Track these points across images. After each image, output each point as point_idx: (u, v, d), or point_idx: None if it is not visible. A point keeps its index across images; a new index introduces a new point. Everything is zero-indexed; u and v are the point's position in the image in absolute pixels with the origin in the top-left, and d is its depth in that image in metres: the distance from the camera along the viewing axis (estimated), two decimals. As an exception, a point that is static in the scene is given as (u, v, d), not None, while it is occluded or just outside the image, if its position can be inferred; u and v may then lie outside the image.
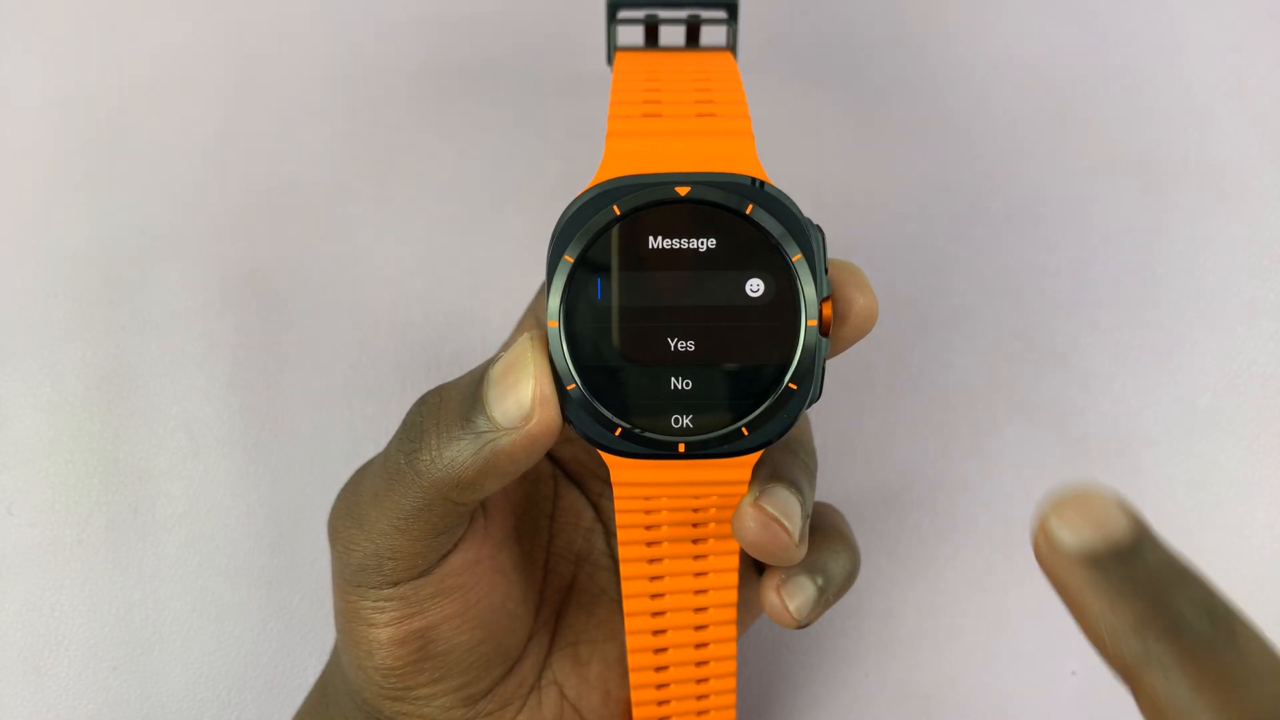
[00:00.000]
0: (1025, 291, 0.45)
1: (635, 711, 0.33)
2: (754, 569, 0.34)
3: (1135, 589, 0.20)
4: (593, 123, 0.46)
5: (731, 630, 0.32)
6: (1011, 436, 0.44)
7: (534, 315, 0.35)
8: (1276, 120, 0.46)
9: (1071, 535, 0.21)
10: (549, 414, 0.27)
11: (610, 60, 0.33)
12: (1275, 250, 0.45)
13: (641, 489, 0.29)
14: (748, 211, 0.27)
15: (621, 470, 0.29)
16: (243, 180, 0.46)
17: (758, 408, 0.28)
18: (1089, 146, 0.46)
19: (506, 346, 0.36)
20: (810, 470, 0.32)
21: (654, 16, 0.33)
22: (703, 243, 0.27)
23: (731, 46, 0.33)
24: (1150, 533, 0.21)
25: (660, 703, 0.33)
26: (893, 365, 0.45)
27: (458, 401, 0.28)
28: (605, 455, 0.28)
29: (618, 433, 0.28)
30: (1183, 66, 0.47)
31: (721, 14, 0.33)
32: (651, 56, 0.32)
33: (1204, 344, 0.45)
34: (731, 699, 0.34)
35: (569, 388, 0.27)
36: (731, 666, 0.33)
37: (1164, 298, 0.45)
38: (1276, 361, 0.44)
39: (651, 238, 0.27)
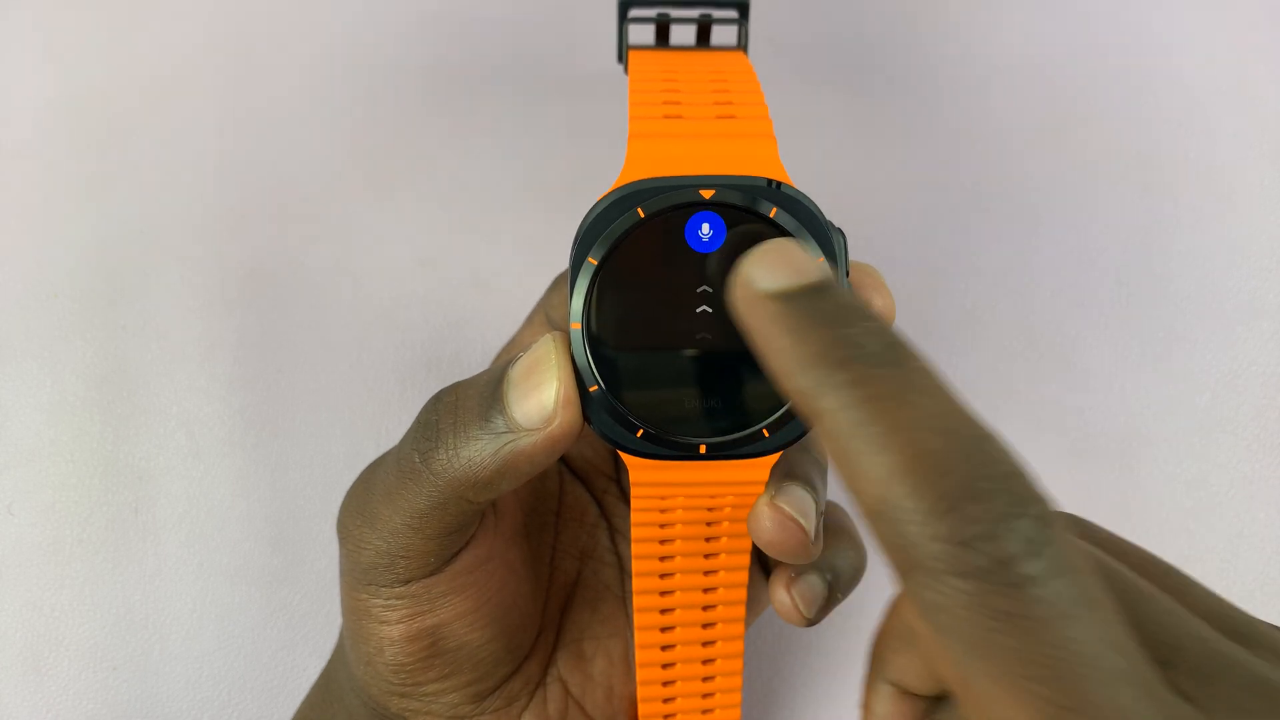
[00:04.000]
0: (1025, 291, 0.45)
1: (641, 708, 0.33)
2: (759, 567, 0.34)
3: (818, 321, 0.21)
4: (594, 123, 0.46)
5: (740, 629, 0.32)
6: (1011, 436, 0.44)
7: (544, 312, 0.34)
8: (1276, 120, 0.47)
9: (767, 277, 0.22)
10: (571, 416, 0.27)
11: (621, 58, 0.33)
12: (1275, 250, 0.46)
13: (660, 489, 0.29)
14: (771, 215, 0.27)
15: (641, 471, 0.29)
16: (243, 180, 0.46)
17: (779, 409, 0.28)
18: (1089, 146, 0.47)
19: (512, 344, 0.35)
20: (823, 467, 0.32)
21: (665, 15, 0.33)
22: (727, 245, 0.27)
23: (742, 45, 0.33)
24: (835, 279, 0.22)
25: (666, 700, 0.33)
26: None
27: (476, 401, 0.28)
28: (626, 456, 0.28)
29: (639, 434, 0.28)
30: (1183, 67, 0.47)
31: (732, 13, 0.33)
32: (666, 56, 0.32)
33: (1204, 344, 0.45)
34: (737, 698, 0.34)
35: (591, 389, 0.27)
36: (738, 665, 0.33)
37: (1164, 297, 0.45)
38: (1276, 361, 0.45)
39: (675, 240, 0.27)
